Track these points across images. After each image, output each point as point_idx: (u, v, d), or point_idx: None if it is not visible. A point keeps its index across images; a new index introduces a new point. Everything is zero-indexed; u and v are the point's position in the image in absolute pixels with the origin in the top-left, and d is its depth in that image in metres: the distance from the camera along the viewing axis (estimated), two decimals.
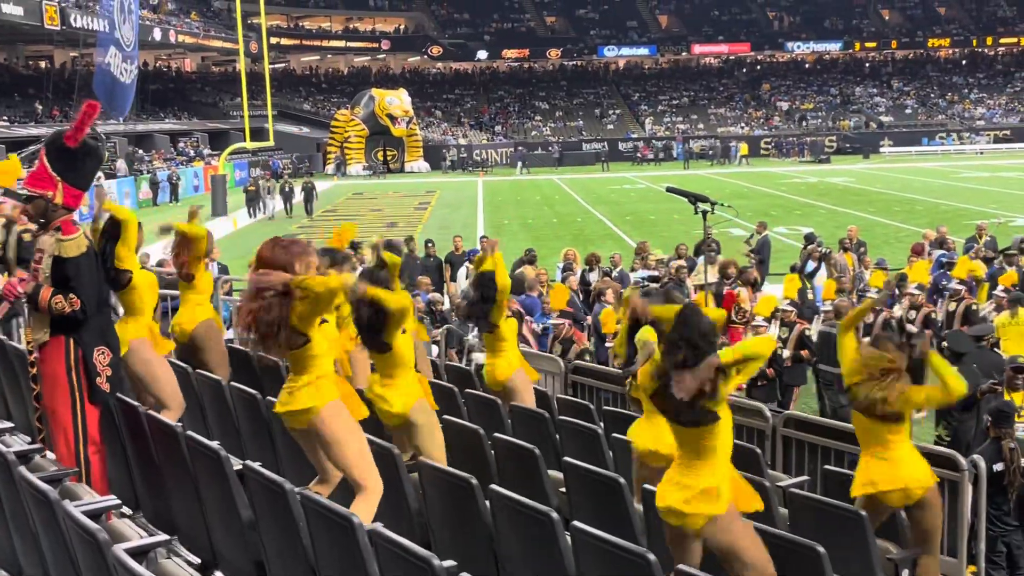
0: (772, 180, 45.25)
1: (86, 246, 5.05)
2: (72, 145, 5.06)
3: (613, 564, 3.71)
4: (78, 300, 4.96)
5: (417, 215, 34.13)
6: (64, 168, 5.08)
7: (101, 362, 5.12)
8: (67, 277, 4.98)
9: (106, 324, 5.25)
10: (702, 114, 70.65)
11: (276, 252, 4.62)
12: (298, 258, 4.62)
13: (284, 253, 4.62)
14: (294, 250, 4.64)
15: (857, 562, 4.59)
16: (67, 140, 5.05)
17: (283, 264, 4.56)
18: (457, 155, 60.26)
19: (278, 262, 4.57)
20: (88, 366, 5.08)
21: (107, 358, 5.15)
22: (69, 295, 4.96)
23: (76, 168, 5.13)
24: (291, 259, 4.59)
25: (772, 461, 7.33)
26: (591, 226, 30.16)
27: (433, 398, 5.95)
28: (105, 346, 5.16)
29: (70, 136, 5.05)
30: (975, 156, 58.43)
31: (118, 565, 3.17)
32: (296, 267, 4.58)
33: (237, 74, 47.06)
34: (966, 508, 6.34)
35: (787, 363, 11.17)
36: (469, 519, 4.47)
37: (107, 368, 5.14)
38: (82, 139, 5.08)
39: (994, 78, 73.74)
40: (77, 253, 5.00)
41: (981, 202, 32.38)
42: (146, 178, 41.42)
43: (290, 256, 4.60)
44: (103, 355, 5.14)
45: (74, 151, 5.08)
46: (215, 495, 4.48)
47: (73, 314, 4.97)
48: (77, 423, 5.08)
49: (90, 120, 5.07)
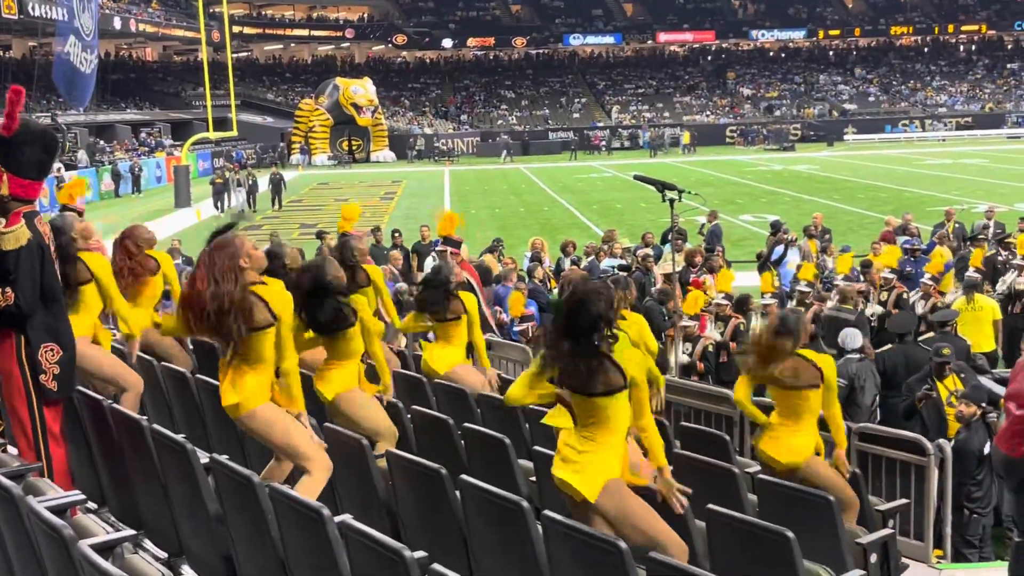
0: (737, 168, 45.49)
1: (27, 239, 4.91)
2: (6, 135, 4.92)
3: (584, 553, 3.71)
4: (12, 294, 4.83)
5: (383, 205, 34.00)
6: (4, 159, 4.95)
7: (48, 359, 4.98)
8: (6, 270, 4.85)
9: (56, 320, 5.09)
10: (668, 103, 70.84)
11: (215, 257, 4.75)
12: (234, 259, 4.76)
13: (225, 258, 4.75)
14: (229, 251, 4.77)
15: (826, 547, 4.62)
16: (1, 130, 4.92)
17: (229, 269, 4.70)
18: (424, 144, 60.06)
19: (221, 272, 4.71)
20: (33, 363, 4.96)
21: (55, 355, 4.99)
22: (5, 289, 4.84)
23: (15, 157, 4.98)
24: (233, 262, 4.74)
25: (740, 448, 7.37)
26: (558, 215, 30.18)
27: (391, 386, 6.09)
28: (54, 343, 5.01)
29: (4, 126, 4.91)
30: (937, 143, 59.02)
31: (84, 561, 3.13)
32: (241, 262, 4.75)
33: (199, 63, 46.66)
34: (932, 492, 6.42)
35: (722, 359, 10.51)
36: (439, 509, 4.45)
37: (54, 366, 4.98)
38: (17, 128, 4.93)
39: (956, 65, 74.51)
40: (16, 246, 4.86)
41: (944, 189, 32.73)
42: (107, 169, 40.92)
43: (232, 261, 4.74)
44: (51, 352, 4.99)
45: (8, 140, 4.93)
46: (182, 489, 4.44)
47: (8, 308, 4.84)
48: (34, 418, 4.98)
49: (18, 106, 4.92)
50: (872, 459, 6.62)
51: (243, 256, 4.77)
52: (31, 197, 5.09)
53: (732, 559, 4.30)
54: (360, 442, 4.94)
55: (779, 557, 4.11)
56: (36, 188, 5.12)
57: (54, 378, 5.00)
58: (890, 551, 4.80)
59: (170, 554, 4.72)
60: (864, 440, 6.76)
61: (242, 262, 4.76)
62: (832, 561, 4.45)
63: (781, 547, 4.11)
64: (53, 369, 4.99)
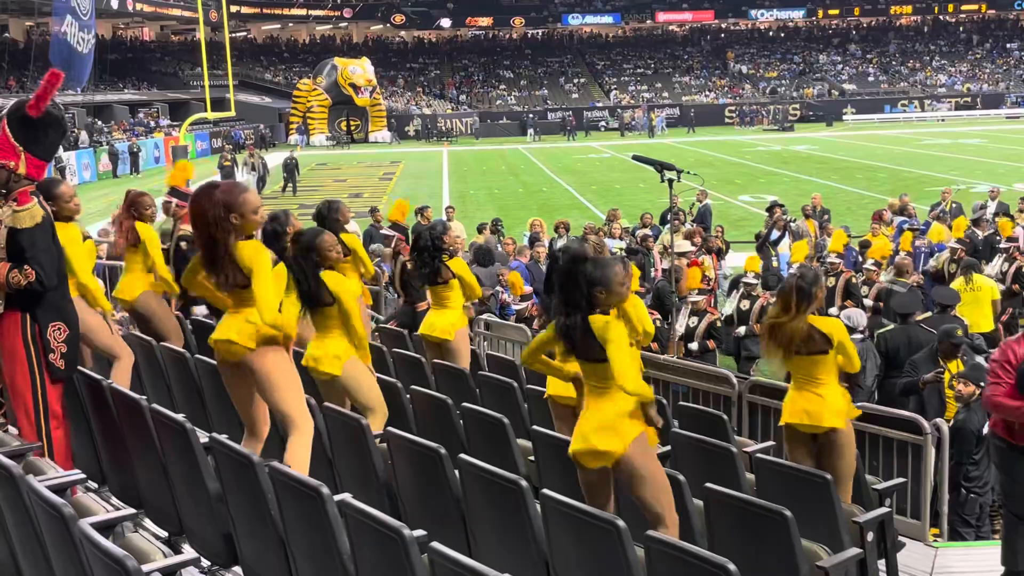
0: (736, 148, 45.40)
1: (41, 216, 4.96)
2: (34, 115, 4.97)
3: (582, 530, 3.72)
4: (33, 271, 4.86)
5: (382, 185, 33.94)
6: (26, 138, 5.00)
7: (56, 338, 5.03)
8: (21, 248, 4.89)
9: (62, 299, 5.14)
10: (666, 83, 70.63)
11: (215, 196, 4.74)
12: (236, 202, 4.76)
13: (224, 195, 4.74)
14: (227, 199, 4.76)
15: (823, 525, 4.64)
16: (29, 110, 4.96)
17: (225, 204, 4.71)
18: (423, 125, 59.88)
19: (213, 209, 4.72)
20: (44, 341, 5.00)
21: (63, 334, 5.05)
22: (24, 267, 4.87)
23: (38, 138, 5.05)
24: (232, 200, 4.74)
25: (739, 427, 7.39)
26: (557, 196, 30.14)
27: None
28: (62, 322, 5.06)
29: (32, 106, 4.96)
30: (936, 123, 58.94)
31: (84, 540, 3.14)
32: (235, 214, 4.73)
33: (197, 43, 46.39)
34: (929, 471, 6.44)
35: (695, 353, 10.22)
36: (438, 488, 4.47)
37: (62, 344, 5.03)
38: (45, 109, 4.99)
39: (955, 45, 74.27)
40: (31, 224, 4.91)
41: (943, 169, 32.70)
42: (105, 150, 40.81)
43: (231, 199, 4.74)
44: (59, 331, 5.04)
45: (36, 121, 4.99)
46: (182, 468, 4.45)
47: (30, 286, 4.88)
48: (37, 397, 5.01)
49: (53, 90, 4.98)
50: (869, 438, 6.63)
51: (236, 213, 4.76)
52: (39, 178, 5.16)
53: (730, 538, 4.31)
54: (360, 422, 4.95)
55: (777, 536, 4.13)
56: (44, 169, 5.19)
57: (62, 356, 5.06)
58: (887, 530, 4.81)
59: (171, 533, 4.74)
60: (862, 419, 6.77)
61: (233, 218, 4.75)
62: (829, 540, 4.47)
63: (779, 526, 4.12)
64: (61, 348, 5.05)
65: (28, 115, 4.96)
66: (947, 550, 6.34)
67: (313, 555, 3.73)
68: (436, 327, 7.42)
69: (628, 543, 3.58)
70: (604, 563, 3.66)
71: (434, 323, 7.46)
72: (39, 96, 4.94)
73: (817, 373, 5.42)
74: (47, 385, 5.03)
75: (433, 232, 7.41)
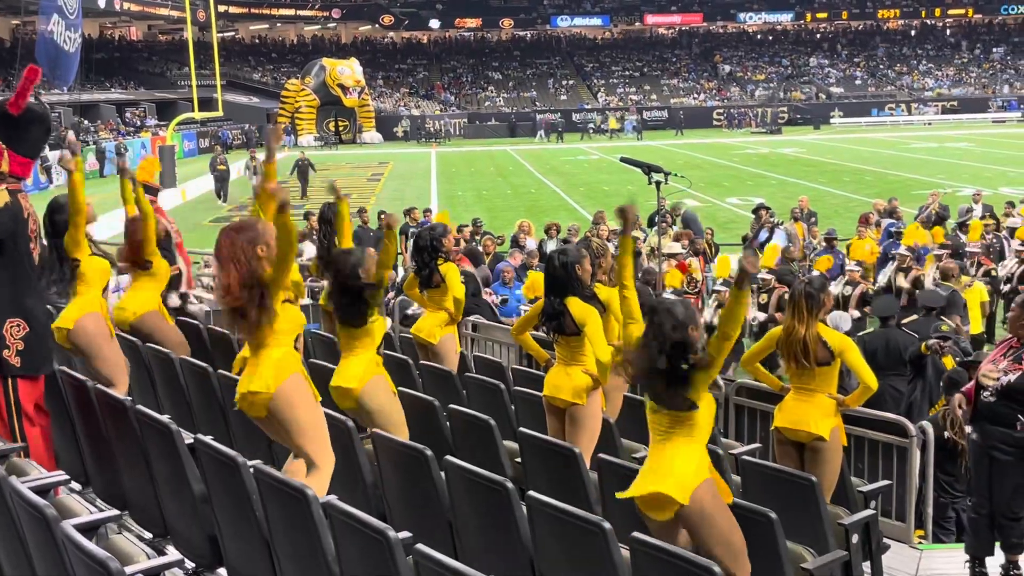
0: (724, 151, 45.50)
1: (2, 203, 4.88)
2: (15, 113, 4.95)
3: (568, 532, 3.72)
4: None
5: (370, 186, 33.89)
6: (8, 136, 4.97)
7: (12, 334, 4.93)
8: None
9: (25, 295, 5.03)
10: (655, 85, 70.74)
11: (236, 240, 4.47)
12: (255, 244, 4.48)
13: (244, 241, 4.47)
14: (249, 235, 4.49)
15: (809, 527, 4.65)
16: (10, 108, 4.95)
17: (245, 254, 4.44)
18: (411, 125, 59.79)
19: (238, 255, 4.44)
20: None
21: (21, 331, 4.95)
22: None
23: (21, 136, 5.02)
24: (253, 246, 4.46)
25: (724, 429, 7.40)
26: (545, 197, 30.15)
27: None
28: (22, 319, 4.97)
29: (12, 103, 4.94)
30: (923, 127, 59.16)
31: (67, 541, 3.12)
32: (259, 251, 4.46)
33: (184, 43, 46.18)
34: (914, 473, 6.46)
35: None
36: (424, 490, 4.46)
37: (18, 342, 4.95)
38: (25, 106, 4.97)
39: (942, 49, 74.60)
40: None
41: (929, 172, 32.83)
42: (91, 149, 40.64)
43: (252, 243, 4.46)
44: (16, 327, 4.95)
45: (17, 119, 4.97)
46: (166, 469, 4.43)
47: None
48: (9, 397, 4.97)
49: (31, 86, 4.96)
50: (855, 440, 6.65)
51: (262, 244, 4.48)
52: (26, 176, 5.12)
53: None
54: (346, 424, 4.93)
55: (762, 538, 4.14)
56: (30, 167, 5.15)
57: (17, 353, 4.95)
58: (872, 532, 4.83)
59: (155, 534, 4.73)
60: (847, 422, 6.79)
61: (259, 250, 4.47)
62: (815, 542, 4.49)
63: (764, 528, 4.13)
64: (17, 344, 4.95)
65: (8, 113, 4.93)
66: (932, 552, 6.36)
67: (298, 556, 3.72)
68: (423, 329, 7.42)
69: (614, 544, 3.58)
70: (590, 565, 3.66)
71: (422, 325, 7.46)
72: (18, 93, 4.92)
73: (814, 383, 5.46)
74: (18, 384, 4.97)
75: (433, 233, 7.39)
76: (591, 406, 5.70)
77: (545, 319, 5.81)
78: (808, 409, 5.44)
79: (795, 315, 5.47)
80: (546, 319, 5.80)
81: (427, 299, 7.46)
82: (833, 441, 5.42)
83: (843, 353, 5.45)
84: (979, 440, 5.68)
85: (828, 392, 5.50)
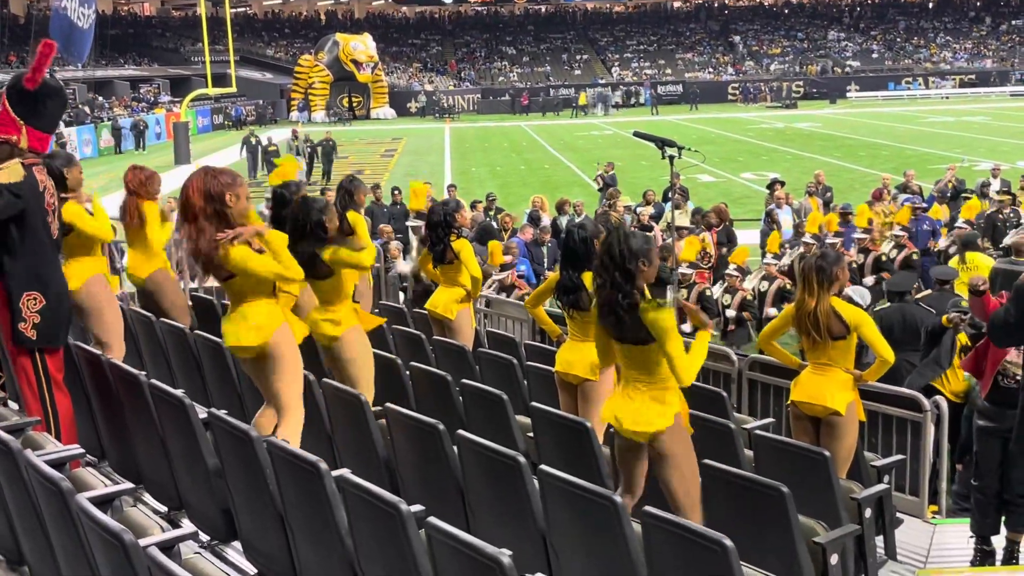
0: (739, 125, 45.24)
1: (20, 176, 4.89)
2: (31, 88, 4.94)
3: (580, 506, 3.73)
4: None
5: (383, 162, 33.85)
6: (26, 112, 4.97)
7: (29, 307, 4.93)
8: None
9: (42, 267, 5.03)
10: (670, 59, 70.30)
11: (208, 182, 4.72)
12: (228, 189, 4.73)
13: (215, 183, 4.72)
14: (223, 180, 4.74)
15: (821, 502, 4.64)
16: (26, 83, 4.94)
17: (216, 194, 4.68)
18: (426, 101, 59.60)
19: (211, 192, 4.70)
20: (12, 309, 4.93)
21: (38, 304, 4.96)
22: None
23: (38, 111, 5.02)
24: (222, 190, 4.71)
25: (738, 404, 7.40)
26: (559, 173, 30.07)
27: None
28: (39, 292, 4.97)
29: (29, 79, 4.93)
30: (940, 101, 58.64)
31: (82, 514, 3.14)
32: (227, 198, 4.71)
33: (198, 19, 46.12)
34: (928, 448, 6.45)
35: (730, 327, 10.89)
36: (437, 464, 4.47)
37: (34, 315, 4.95)
38: (41, 81, 4.96)
39: (960, 22, 73.81)
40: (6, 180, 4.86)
41: (946, 147, 32.57)
42: (107, 125, 40.71)
43: (221, 187, 4.71)
44: (33, 300, 4.95)
45: (34, 93, 4.97)
46: (180, 443, 4.46)
47: None
48: (39, 369, 5.00)
49: (47, 61, 4.95)
50: (868, 415, 6.63)
51: (231, 193, 4.73)
52: (44, 150, 5.13)
53: (728, 514, 4.32)
54: (359, 398, 4.95)
55: (774, 512, 4.14)
56: (48, 141, 5.16)
57: (33, 327, 4.97)
58: (885, 506, 4.82)
59: (169, 508, 4.76)
60: (861, 397, 6.77)
61: (228, 198, 4.73)
62: (827, 516, 4.48)
63: (776, 502, 4.13)
64: (33, 318, 4.96)
65: (26, 88, 4.93)
66: (945, 527, 6.35)
67: (311, 530, 3.74)
68: (439, 304, 7.40)
69: (626, 519, 3.59)
70: (602, 539, 3.67)
71: (437, 300, 7.45)
72: (34, 68, 4.92)
73: (831, 357, 5.44)
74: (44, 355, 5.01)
75: (447, 208, 7.36)
76: (604, 382, 5.67)
77: (560, 293, 5.75)
78: (824, 383, 5.43)
79: (806, 288, 5.45)
80: (562, 292, 5.74)
81: (440, 274, 7.45)
82: (849, 415, 5.40)
83: (859, 327, 5.42)
84: (990, 424, 5.67)
85: (845, 367, 5.48)
